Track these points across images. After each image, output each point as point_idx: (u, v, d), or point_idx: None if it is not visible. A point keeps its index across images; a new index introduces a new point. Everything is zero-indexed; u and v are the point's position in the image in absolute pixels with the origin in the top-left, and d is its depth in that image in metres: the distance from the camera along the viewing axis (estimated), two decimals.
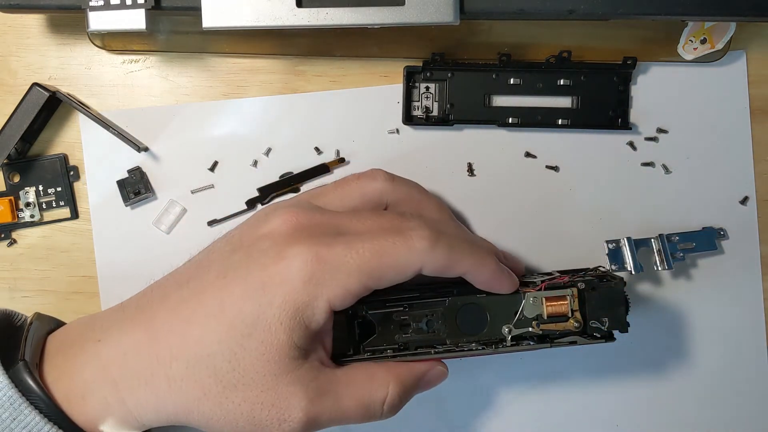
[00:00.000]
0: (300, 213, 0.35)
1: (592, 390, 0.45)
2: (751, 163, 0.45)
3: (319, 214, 0.35)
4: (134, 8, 0.38)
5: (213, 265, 0.35)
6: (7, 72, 0.44)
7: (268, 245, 0.34)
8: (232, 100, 0.44)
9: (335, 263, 0.33)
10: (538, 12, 0.39)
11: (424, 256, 0.34)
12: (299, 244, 0.33)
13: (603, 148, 0.45)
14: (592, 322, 0.37)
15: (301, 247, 0.33)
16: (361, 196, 0.38)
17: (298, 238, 0.33)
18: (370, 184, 0.38)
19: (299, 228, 0.34)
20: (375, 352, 0.37)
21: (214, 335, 0.33)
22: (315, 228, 0.34)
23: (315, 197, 0.38)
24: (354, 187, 0.38)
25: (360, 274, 0.33)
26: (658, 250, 0.43)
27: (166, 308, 0.34)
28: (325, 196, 0.38)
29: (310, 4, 0.38)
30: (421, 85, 0.44)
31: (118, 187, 0.43)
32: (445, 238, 0.34)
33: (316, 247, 0.33)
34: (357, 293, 0.33)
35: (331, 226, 0.35)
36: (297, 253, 0.33)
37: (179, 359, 0.33)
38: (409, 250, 0.33)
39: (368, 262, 0.33)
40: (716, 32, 0.43)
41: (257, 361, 0.33)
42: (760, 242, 0.45)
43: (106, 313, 0.37)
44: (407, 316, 0.37)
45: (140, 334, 0.34)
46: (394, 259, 0.33)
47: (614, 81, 0.44)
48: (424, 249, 0.34)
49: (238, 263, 0.34)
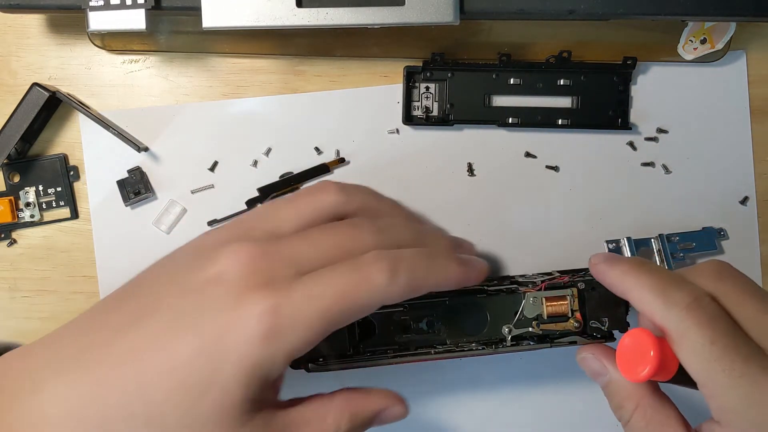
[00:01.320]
0: (252, 251, 0.32)
1: (592, 390, 0.45)
2: (751, 163, 0.45)
3: (271, 247, 0.33)
4: (134, 8, 0.38)
5: (162, 309, 0.32)
6: (7, 72, 0.44)
7: (221, 293, 0.31)
8: (232, 100, 0.44)
9: (294, 315, 0.31)
10: (538, 12, 0.39)
11: (385, 293, 0.32)
12: (255, 293, 0.31)
13: (603, 148, 0.45)
14: (592, 322, 0.37)
15: (257, 299, 0.31)
16: (315, 211, 0.36)
17: (254, 285, 0.31)
18: (323, 198, 0.37)
19: (253, 270, 0.32)
20: (375, 352, 0.37)
21: (165, 393, 0.30)
22: (269, 268, 0.32)
23: (266, 217, 0.36)
24: (306, 202, 0.37)
25: (321, 322, 0.31)
26: (658, 250, 0.43)
27: (112, 358, 0.31)
28: (277, 216, 0.36)
29: (310, 4, 0.38)
30: (421, 85, 0.44)
31: (118, 187, 0.43)
32: (404, 265, 0.33)
33: (273, 298, 0.31)
34: (318, 340, 0.32)
35: (285, 261, 0.33)
36: (254, 306, 0.30)
37: (126, 419, 0.30)
38: (370, 290, 0.32)
39: (329, 309, 0.31)
40: (716, 32, 0.43)
41: (210, 421, 0.31)
42: (760, 242, 0.45)
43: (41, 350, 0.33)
44: (407, 317, 0.37)
45: (84, 389, 0.31)
46: (355, 301, 0.32)
47: (614, 81, 0.44)
48: (384, 284, 0.32)
49: (189, 311, 0.31)
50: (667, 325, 0.32)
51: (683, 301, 0.32)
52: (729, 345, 0.30)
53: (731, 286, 0.33)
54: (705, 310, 0.32)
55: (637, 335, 0.32)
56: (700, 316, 0.31)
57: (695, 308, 0.31)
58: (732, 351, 0.30)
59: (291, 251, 0.33)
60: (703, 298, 0.32)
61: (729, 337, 0.31)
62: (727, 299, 0.32)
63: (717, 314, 0.32)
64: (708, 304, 0.32)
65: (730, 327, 0.31)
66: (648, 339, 0.31)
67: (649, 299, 0.33)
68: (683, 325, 0.31)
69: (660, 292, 0.33)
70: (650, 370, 0.31)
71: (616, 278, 0.35)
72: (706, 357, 0.31)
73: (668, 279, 0.33)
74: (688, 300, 0.32)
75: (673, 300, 0.32)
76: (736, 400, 0.30)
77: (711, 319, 0.31)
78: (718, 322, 0.31)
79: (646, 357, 0.31)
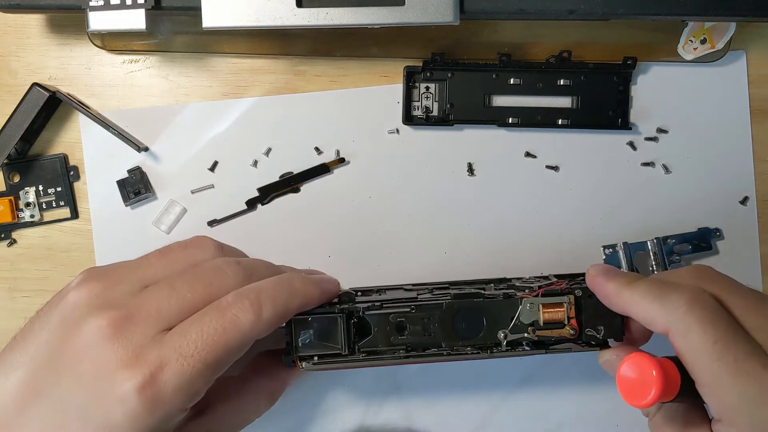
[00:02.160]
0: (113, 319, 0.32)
1: (591, 390, 0.45)
2: (751, 163, 0.45)
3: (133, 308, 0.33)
4: (134, 8, 0.38)
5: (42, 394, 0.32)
6: (7, 72, 0.44)
7: (93, 370, 0.31)
8: (233, 99, 0.44)
9: (171, 379, 0.31)
10: (538, 12, 0.39)
11: (253, 329, 0.33)
12: (128, 370, 0.31)
13: (603, 148, 0.45)
14: (588, 329, 0.37)
15: (130, 375, 0.31)
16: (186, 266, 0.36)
17: (125, 363, 0.31)
18: (199, 254, 0.37)
19: (119, 339, 0.32)
20: (370, 353, 0.37)
21: None
22: (135, 336, 0.32)
23: (136, 269, 0.36)
24: (180, 258, 0.37)
25: (199, 375, 0.32)
26: (654, 253, 0.43)
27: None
28: (147, 270, 0.36)
29: (310, 4, 0.38)
30: (421, 85, 0.44)
31: (118, 186, 0.43)
32: (266, 296, 0.34)
33: (146, 370, 0.31)
34: (205, 387, 0.33)
35: (150, 321, 0.32)
36: (129, 383, 0.31)
37: None
38: (239, 331, 0.33)
39: (203, 361, 0.32)
40: (716, 32, 0.43)
41: None
42: (760, 242, 0.45)
43: None
44: (404, 318, 0.37)
45: None
46: (228, 345, 0.32)
47: (614, 81, 0.44)
48: (251, 322, 0.33)
49: (68, 395, 0.32)
50: (669, 326, 0.32)
51: (682, 300, 0.32)
52: (730, 343, 0.30)
53: (716, 285, 0.33)
54: (705, 307, 0.32)
55: (635, 360, 0.31)
56: (701, 314, 0.31)
57: (696, 306, 0.31)
58: (734, 349, 0.30)
59: (154, 306, 0.33)
60: (702, 294, 0.32)
61: (730, 334, 0.31)
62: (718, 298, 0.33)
63: (717, 311, 0.32)
64: (707, 301, 0.32)
65: (731, 324, 0.31)
66: (647, 361, 0.31)
67: (647, 306, 0.33)
68: (684, 325, 0.31)
69: (657, 296, 0.33)
70: (656, 391, 0.30)
71: (613, 292, 0.35)
72: (709, 355, 0.31)
73: (663, 285, 0.33)
74: (687, 298, 0.32)
75: (671, 301, 0.32)
76: (740, 398, 0.30)
77: (712, 317, 0.31)
78: (719, 320, 0.31)
79: (649, 379, 0.30)
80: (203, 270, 0.35)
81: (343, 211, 0.44)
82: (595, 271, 0.37)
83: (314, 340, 0.36)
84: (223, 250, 0.38)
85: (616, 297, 0.35)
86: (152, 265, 0.36)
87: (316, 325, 0.36)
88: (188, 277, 0.35)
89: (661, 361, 0.31)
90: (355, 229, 0.44)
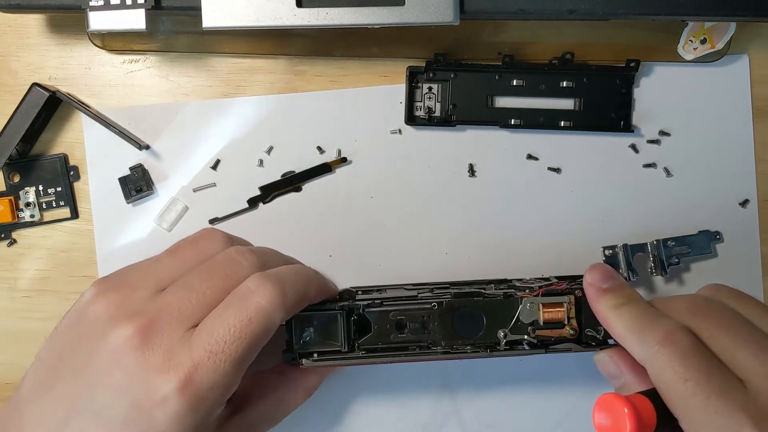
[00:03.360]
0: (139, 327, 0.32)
1: (592, 391, 0.45)
2: (752, 163, 0.45)
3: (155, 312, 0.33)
4: (134, 8, 0.38)
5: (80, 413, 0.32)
6: (7, 72, 0.44)
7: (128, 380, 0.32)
8: (235, 98, 0.44)
9: (207, 378, 0.32)
10: (538, 12, 0.39)
11: (278, 314, 0.33)
12: (161, 376, 0.31)
13: (605, 151, 0.45)
14: (588, 330, 0.37)
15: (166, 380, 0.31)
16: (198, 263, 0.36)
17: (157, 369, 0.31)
18: (209, 247, 0.37)
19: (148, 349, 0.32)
20: (369, 350, 0.37)
21: None
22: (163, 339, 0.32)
23: (149, 273, 0.36)
24: (191, 254, 0.37)
25: (234, 367, 0.32)
26: (654, 255, 0.43)
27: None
28: (159, 271, 0.36)
29: (310, 4, 0.38)
30: (424, 85, 0.44)
31: (120, 184, 0.43)
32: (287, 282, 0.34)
33: (180, 373, 0.31)
34: (239, 379, 0.33)
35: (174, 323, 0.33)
36: (166, 388, 0.31)
37: None
38: (265, 318, 0.33)
39: (235, 353, 0.32)
40: (716, 32, 0.43)
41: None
42: (761, 242, 0.45)
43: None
44: (404, 316, 0.37)
45: None
46: (256, 334, 0.33)
47: (617, 83, 0.44)
48: (275, 307, 0.33)
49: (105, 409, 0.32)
50: (645, 363, 0.33)
51: (655, 338, 0.32)
52: (702, 381, 0.31)
53: (705, 321, 0.33)
54: (677, 346, 0.32)
55: (605, 401, 0.31)
56: (672, 353, 0.31)
57: (667, 344, 0.32)
58: (706, 387, 0.30)
59: (175, 307, 0.33)
60: (676, 333, 0.32)
61: (702, 372, 0.31)
62: (703, 334, 0.33)
63: (690, 349, 0.32)
64: (681, 340, 0.32)
65: (704, 361, 0.31)
66: (617, 400, 0.31)
67: (627, 339, 0.34)
68: (657, 364, 0.32)
69: (637, 331, 0.33)
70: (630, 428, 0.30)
71: (601, 312, 0.36)
72: (682, 394, 0.31)
73: (645, 317, 0.34)
74: (660, 337, 0.32)
75: (647, 339, 0.33)
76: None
77: (683, 355, 0.31)
78: (692, 358, 0.31)
79: (622, 417, 0.30)
80: (217, 263, 0.35)
81: (345, 211, 0.44)
82: (591, 278, 0.37)
83: (315, 337, 0.36)
84: (232, 241, 0.38)
85: (601, 320, 0.36)
86: (165, 266, 0.36)
87: (316, 322, 0.36)
88: (203, 272, 0.35)
89: (633, 399, 0.31)
90: (356, 228, 0.44)
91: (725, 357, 0.32)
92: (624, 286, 0.37)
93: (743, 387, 0.31)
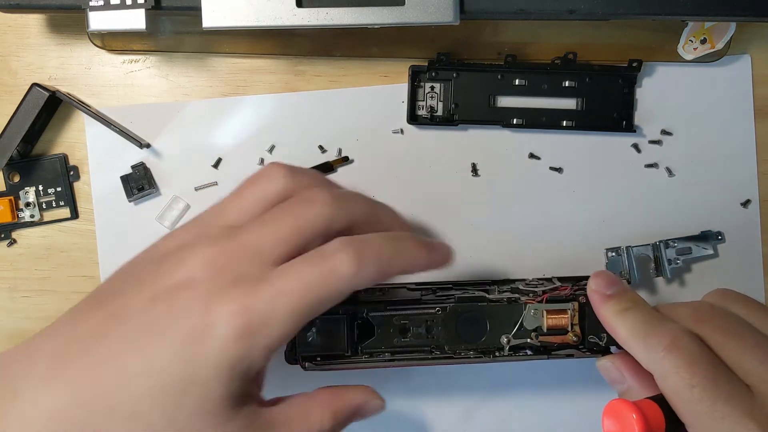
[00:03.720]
0: (215, 251, 0.32)
1: (592, 392, 0.45)
2: (754, 164, 0.45)
3: (231, 243, 0.33)
4: (134, 8, 0.38)
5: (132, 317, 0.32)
6: (7, 72, 0.44)
7: (190, 298, 0.31)
8: (236, 97, 0.44)
9: (265, 312, 0.31)
10: (538, 12, 0.39)
11: (352, 282, 0.32)
12: (224, 295, 0.31)
13: (607, 150, 0.45)
14: (591, 336, 0.37)
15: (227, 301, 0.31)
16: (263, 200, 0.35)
17: (221, 287, 0.31)
18: (269, 186, 0.36)
19: (218, 271, 0.32)
20: (372, 354, 0.37)
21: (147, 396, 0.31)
22: (234, 267, 0.32)
23: (219, 215, 0.35)
24: (252, 193, 0.36)
25: (292, 316, 0.31)
26: (657, 257, 0.43)
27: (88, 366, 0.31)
28: (228, 209, 0.35)
29: (310, 4, 0.38)
30: (426, 84, 0.44)
31: (122, 182, 0.43)
32: (371, 251, 0.33)
33: (242, 298, 0.31)
34: (292, 334, 0.32)
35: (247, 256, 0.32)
36: (224, 308, 0.31)
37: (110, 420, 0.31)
38: (338, 281, 0.32)
39: (299, 303, 0.31)
40: (716, 32, 0.43)
41: (194, 417, 0.31)
42: (762, 242, 0.45)
43: (20, 357, 0.33)
44: (407, 321, 0.37)
45: (64, 395, 0.31)
46: (324, 293, 0.32)
47: (619, 83, 0.44)
48: (352, 274, 0.32)
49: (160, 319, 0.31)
50: (650, 369, 0.32)
51: (661, 344, 0.32)
52: (709, 387, 0.30)
53: (710, 328, 0.33)
54: (683, 351, 0.31)
55: (613, 407, 0.31)
56: (678, 359, 0.31)
57: (673, 350, 0.32)
58: (713, 393, 0.30)
59: (250, 243, 0.33)
60: (682, 338, 0.32)
61: (709, 378, 0.31)
62: (709, 340, 0.32)
63: (697, 354, 0.31)
64: (687, 345, 0.32)
65: (711, 367, 0.31)
66: (625, 406, 0.31)
67: (632, 344, 0.33)
68: (663, 369, 0.32)
69: (642, 335, 0.33)
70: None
71: (605, 317, 0.35)
72: (688, 399, 0.31)
73: (650, 322, 0.34)
74: (666, 342, 0.32)
75: (652, 344, 0.32)
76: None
77: (690, 361, 0.31)
78: (698, 364, 0.31)
79: (630, 423, 0.30)
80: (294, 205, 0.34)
81: None
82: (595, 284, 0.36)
83: (317, 341, 0.36)
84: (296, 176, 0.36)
85: (606, 325, 0.35)
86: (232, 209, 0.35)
87: (320, 324, 0.36)
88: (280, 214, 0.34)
89: (642, 404, 0.31)
90: None
91: (731, 363, 0.32)
92: (628, 291, 0.36)
93: (750, 393, 0.31)
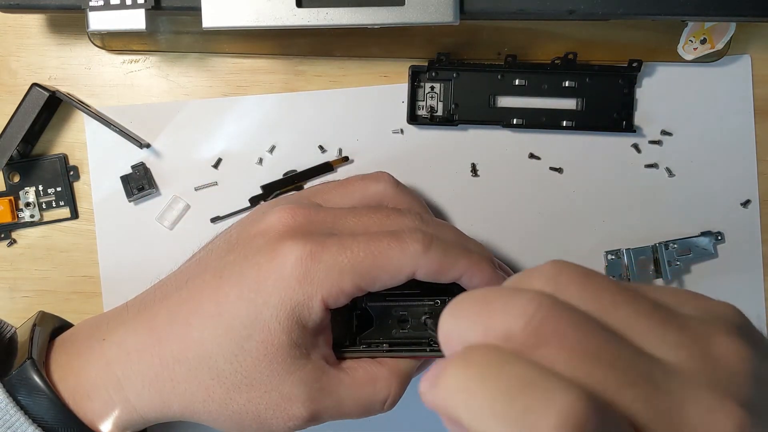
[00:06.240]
0: (296, 210, 0.34)
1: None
2: (754, 164, 0.45)
3: (315, 211, 0.35)
4: (134, 8, 0.38)
5: (210, 264, 0.35)
6: (7, 72, 0.44)
7: (262, 243, 0.33)
8: (236, 97, 0.44)
9: (329, 261, 0.32)
10: (537, 12, 0.39)
11: (417, 259, 0.33)
12: (292, 241, 0.33)
13: (607, 151, 0.45)
14: None
15: (294, 244, 0.32)
16: (362, 197, 0.38)
17: (292, 235, 0.33)
18: (373, 186, 0.38)
19: (294, 225, 0.34)
20: (371, 344, 0.37)
21: (213, 338, 0.33)
22: (310, 225, 0.34)
23: (316, 194, 0.38)
24: (357, 187, 0.38)
25: (353, 273, 0.32)
26: (656, 259, 0.43)
27: (166, 309, 0.34)
28: (326, 194, 0.38)
29: (310, 4, 0.38)
30: (426, 84, 0.44)
31: (122, 182, 0.43)
32: (439, 242, 0.34)
33: (309, 245, 0.32)
34: (350, 293, 0.33)
35: (326, 224, 0.34)
36: (290, 251, 0.32)
37: (181, 362, 0.33)
38: (403, 253, 0.33)
39: (361, 262, 0.32)
40: (716, 32, 0.43)
41: (259, 363, 0.33)
42: (762, 242, 0.45)
43: (112, 312, 0.37)
44: (406, 312, 0.37)
45: (143, 335, 0.34)
46: (387, 260, 0.33)
47: (619, 83, 0.44)
48: (418, 252, 0.33)
49: (233, 263, 0.34)
50: None
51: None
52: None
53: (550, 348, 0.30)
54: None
55: None
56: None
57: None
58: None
59: (333, 218, 0.35)
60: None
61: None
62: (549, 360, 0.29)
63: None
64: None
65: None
66: None
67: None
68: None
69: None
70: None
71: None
72: None
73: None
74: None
75: None
76: None
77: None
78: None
79: None
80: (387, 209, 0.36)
81: None
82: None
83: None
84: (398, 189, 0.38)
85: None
86: (334, 194, 0.38)
87: None
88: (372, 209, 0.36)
89: None
90: None
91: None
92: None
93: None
